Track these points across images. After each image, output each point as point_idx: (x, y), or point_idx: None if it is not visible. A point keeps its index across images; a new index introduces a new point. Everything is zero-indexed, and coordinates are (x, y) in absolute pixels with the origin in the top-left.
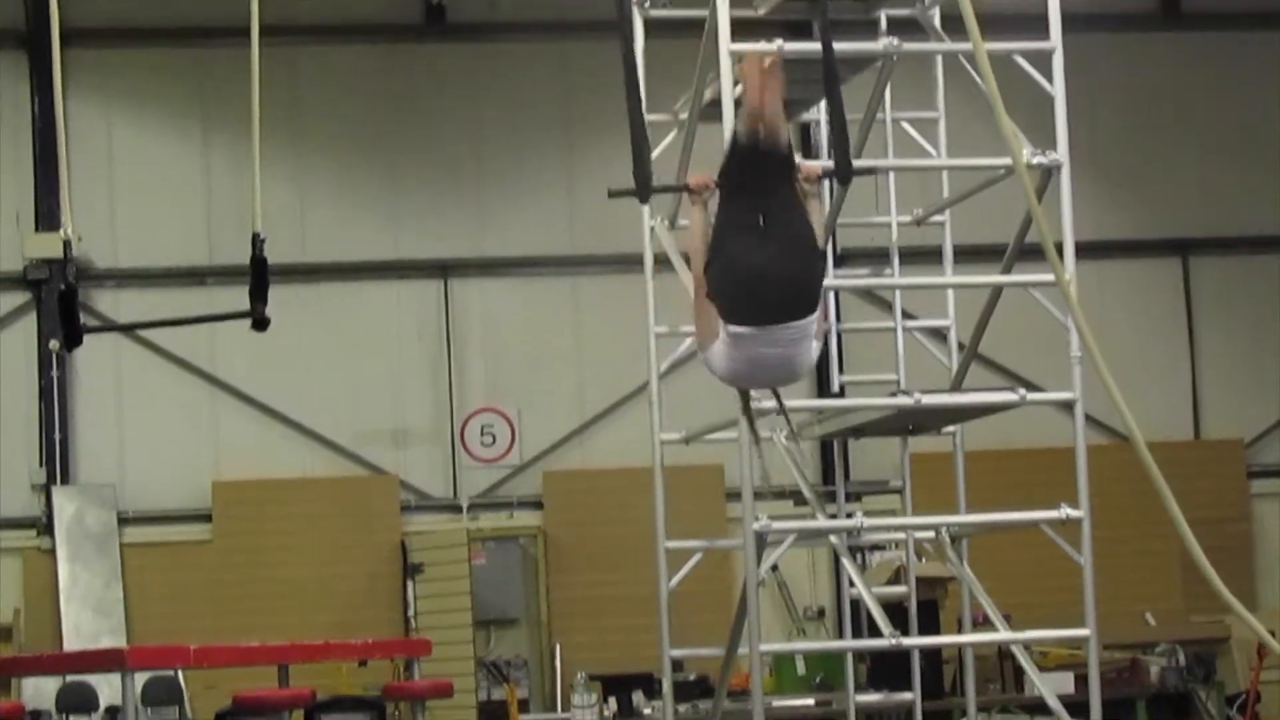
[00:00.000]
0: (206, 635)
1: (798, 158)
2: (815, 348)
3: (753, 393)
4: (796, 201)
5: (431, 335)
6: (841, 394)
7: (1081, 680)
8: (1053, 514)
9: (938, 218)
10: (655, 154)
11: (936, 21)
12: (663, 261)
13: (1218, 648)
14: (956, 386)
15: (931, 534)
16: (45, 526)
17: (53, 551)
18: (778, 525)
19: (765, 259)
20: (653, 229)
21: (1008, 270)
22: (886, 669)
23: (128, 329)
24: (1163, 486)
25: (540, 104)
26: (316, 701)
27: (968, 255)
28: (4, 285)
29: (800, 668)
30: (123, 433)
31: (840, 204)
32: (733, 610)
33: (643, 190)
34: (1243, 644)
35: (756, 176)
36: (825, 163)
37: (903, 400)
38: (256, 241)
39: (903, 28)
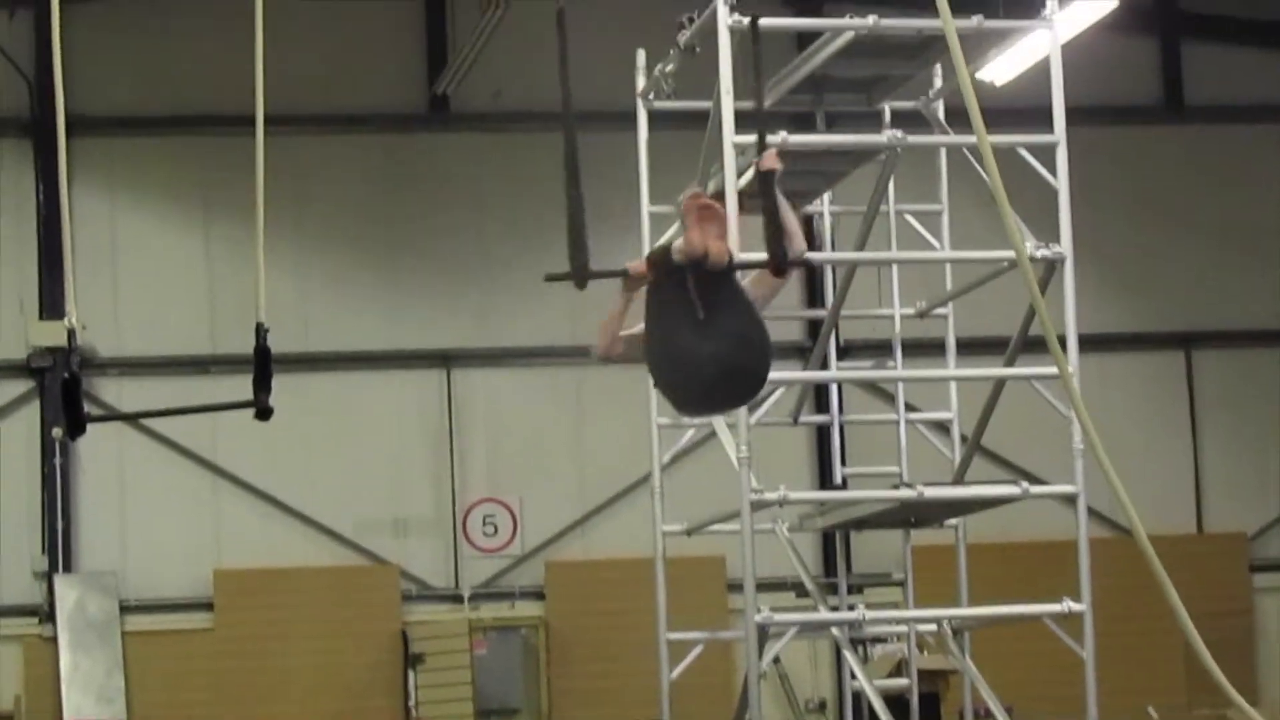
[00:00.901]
0: None
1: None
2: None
3: (754, 484)
4: (737, 293)
5: (433, 425)
6: (844, 486)
7: None
8: (1055, 607)
9: (941, 310)
10: (659, 244)
11: (940, 114)
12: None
13: None
14: (959, 479)
15: (933, 626)
16: (47, 614)
17: (54, 639)
18: (779, 617)
19: (701, 357)
20: None
21: (1010, 363)
22: None
23: (131, 418)
24: (1164, 579)
25: (543, 194)
26: None
27: (970, 348)
28: (7, 373)
29: None
30: (125, 521)
31: (843, 295)
32: (734, 702)
33: (579, 276)
34: None
35: (694, 279)
36: (760, 255)
37: (905, 493)
38: (260, 331)
39: (906, 120)
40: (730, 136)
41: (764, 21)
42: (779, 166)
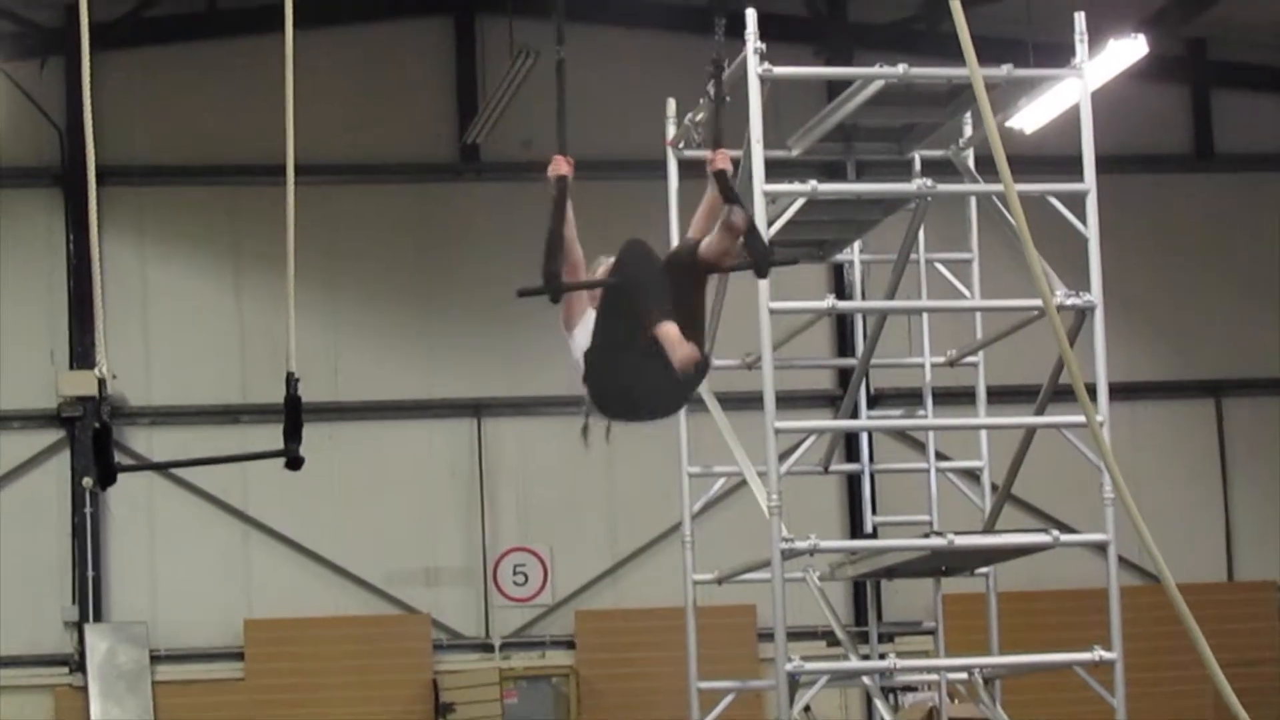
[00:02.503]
0: None
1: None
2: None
3: (785, 533)
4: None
5: (464, 474)
6: (874, 535)
7: None
8: (1086, 656)
9: (971, 359)
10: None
11: (970, 163)
12: (696, 401)
13: None
14: (989, 528)
15: (964, 675)
16: (77, 664)
17: (85, 689)
18: (810, 666)
19: (638, 378)
20: None
21: (1041, 411)
22: None
23: (161, 467)
24: (1193, 627)
25: None
26: None
27: (1000, 396)
28: (38, 423)
29: None
30: (155, 570)
31: (874, 344)
32: None
33: (552, 289)
34: None
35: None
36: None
37: (936, 541)
38: (290, 380)
39: (937, 169)
40: (760, 185)
41: (795, 71)
42: (728, 167)
